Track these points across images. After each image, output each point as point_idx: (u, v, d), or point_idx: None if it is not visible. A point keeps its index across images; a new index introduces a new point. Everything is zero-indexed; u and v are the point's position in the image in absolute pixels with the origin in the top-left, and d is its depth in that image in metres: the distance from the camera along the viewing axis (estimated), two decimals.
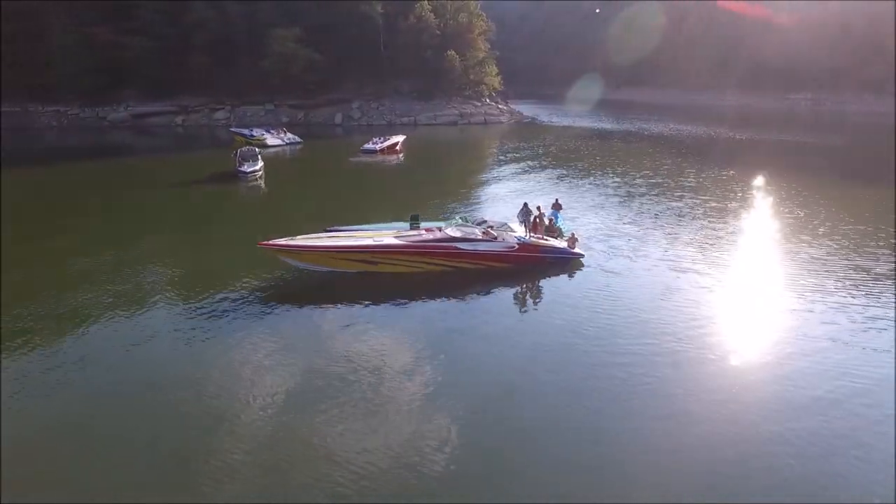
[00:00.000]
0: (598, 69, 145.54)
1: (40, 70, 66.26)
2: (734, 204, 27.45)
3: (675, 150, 47.43)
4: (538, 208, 19.22)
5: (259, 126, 54.74)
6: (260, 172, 35.08)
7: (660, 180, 33.53)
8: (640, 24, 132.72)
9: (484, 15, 79.93)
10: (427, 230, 18.08)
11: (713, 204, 27.25)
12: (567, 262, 18.24)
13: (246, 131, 50.65)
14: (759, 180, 33.00)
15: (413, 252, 16.95)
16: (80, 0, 66.17)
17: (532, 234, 18.45)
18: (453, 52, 70.49)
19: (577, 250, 18.59)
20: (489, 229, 18.21)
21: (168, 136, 63.76)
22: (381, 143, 46.29)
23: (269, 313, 14.83)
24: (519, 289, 16.98)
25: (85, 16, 66.51)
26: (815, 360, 12.44)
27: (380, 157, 44.36)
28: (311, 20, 68.75)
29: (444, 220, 20.25)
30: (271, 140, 48.53)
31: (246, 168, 33.99)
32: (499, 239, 17.87)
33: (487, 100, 75.05)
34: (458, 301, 15.79)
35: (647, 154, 45.22)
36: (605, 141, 54.94)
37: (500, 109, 74.43)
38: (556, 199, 21.72)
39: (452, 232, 17.61)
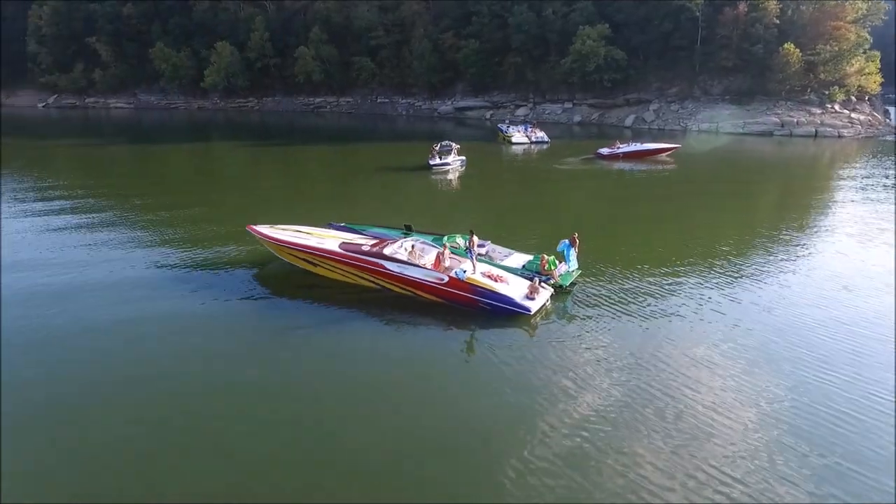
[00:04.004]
0: None
1: (403, 70, 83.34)
2: None
3: None
4: (471, 231, 15.92)
5: (518, 123, 56.34)
6: (450, 167, 37.01)
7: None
8: None
9: None
10: (380, 241, 17.03)
11: None
12: (509, 315, 14.38)
13: (503, 128, 53.12)
14: None
15: (343, 261, 16.36)
16: (439, 1, 79.66)
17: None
18: (791, 46, 56.22)
19: (524, 303, 14.40)
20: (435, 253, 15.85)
21: (476, 128, 71.24)
22: (626, 147, 41.99)
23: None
24: (417, 333, 14.28)
25: (439, 24, 79.81)
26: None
27: (606, 162, 40.55)
28: (625, 16, 65.48)
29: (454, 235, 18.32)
30: (517, 138, 49.71)
31: (435, 161, 36.46)
32: (436, 268, 15.47)
33: (837, 105, 57.35)
34: (340, 328, 14.48)
35: None
36: None
37: (851, 119, 55.89)
38: (575, 234, 16.72)
39: (389, 249, 16.12)
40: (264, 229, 17.92)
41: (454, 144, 38.34)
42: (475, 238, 15.70)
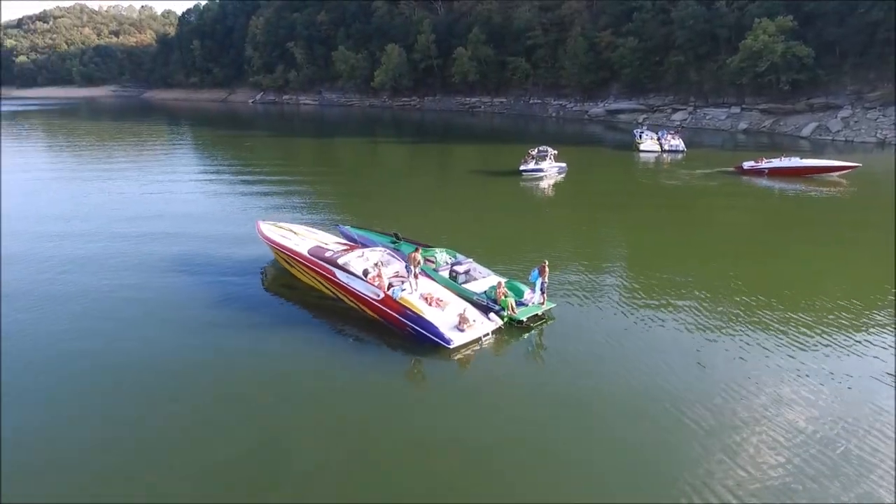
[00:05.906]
0: None
1: (557, 71, 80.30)
2: None
3: None
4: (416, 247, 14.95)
5: (655, 129, 50.55)
6: (544, 173, 34.68)
7: None
8: None
9: None
10: (348, 248, 16.40)
11: None
12: (432, 343, 12.74)
13: (637, 133, 48.30)
14: None
15: (305, 264, 16.07)
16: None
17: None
18: None
19: (446, 334, 12.60)
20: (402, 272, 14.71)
21: (624, 132, 64.95)
22: (776, 162, 34.99)
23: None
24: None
25: (598, 21, 75.16)
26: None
27: (746, 178, 34.36)
28: (817, 6, 54.67)
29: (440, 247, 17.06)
30: (646, 145, 44.79)
31: (526, 167, 34.46)
32: (379, 284, 14.33)
33: None
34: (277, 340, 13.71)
35: None
36: None
37: None
38: (545, 262, 14.07)
39: (344, 257, 15.35)
40: (263, 225, 18.49)
41: (551, 150, 35.78)
42: (417, 255, 14.27)
